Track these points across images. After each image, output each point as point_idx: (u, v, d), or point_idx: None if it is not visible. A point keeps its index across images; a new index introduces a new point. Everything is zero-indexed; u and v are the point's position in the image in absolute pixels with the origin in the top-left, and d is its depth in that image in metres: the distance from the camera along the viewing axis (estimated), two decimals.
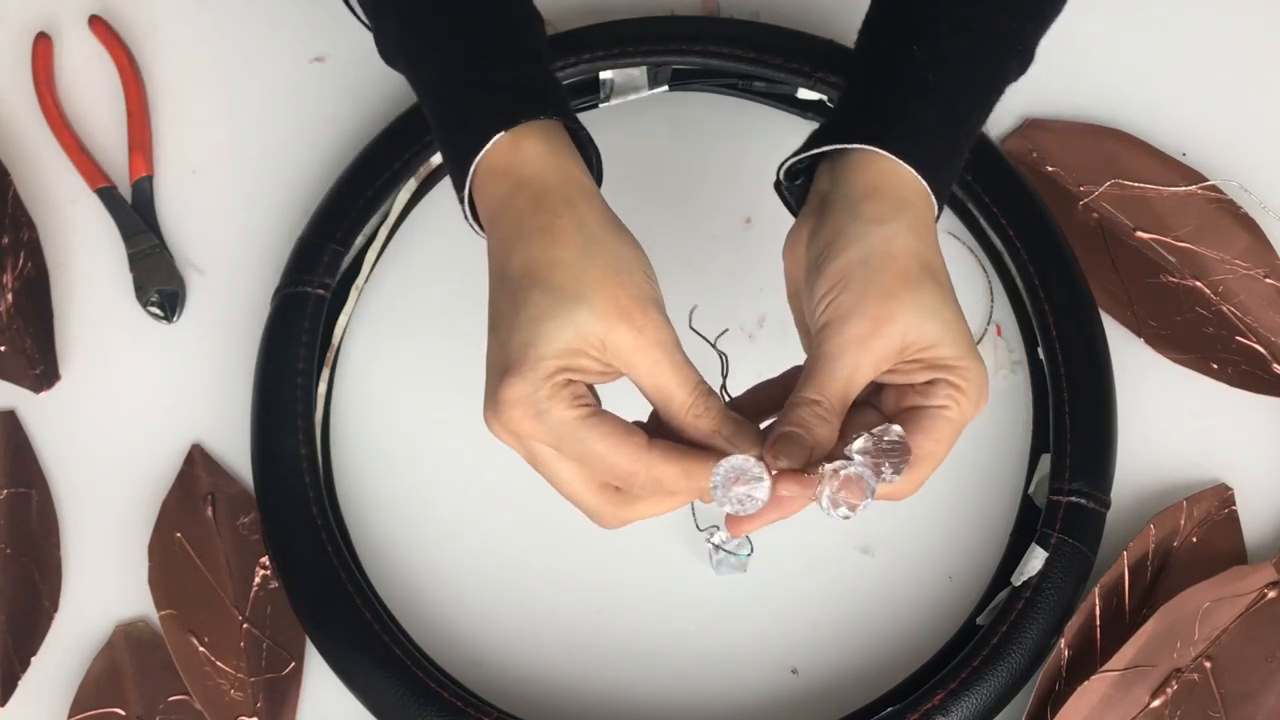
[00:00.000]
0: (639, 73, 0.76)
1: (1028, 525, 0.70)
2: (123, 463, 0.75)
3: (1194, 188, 0.74)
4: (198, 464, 0.75)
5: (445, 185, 0.78)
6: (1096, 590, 0.68)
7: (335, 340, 0.75)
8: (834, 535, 0.72)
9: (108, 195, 0.79)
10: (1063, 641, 0.67)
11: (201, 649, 0.71)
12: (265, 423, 0.72)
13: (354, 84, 0.80)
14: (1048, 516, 0.68)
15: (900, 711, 0.66)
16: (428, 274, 0.78)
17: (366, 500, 0.74)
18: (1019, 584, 0.67)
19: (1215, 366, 0.72)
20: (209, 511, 0.73)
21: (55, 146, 0.80)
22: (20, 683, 0.72)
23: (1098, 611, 0.68)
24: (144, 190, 0.79)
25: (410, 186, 0.77)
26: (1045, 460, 0.70)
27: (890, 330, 0.53)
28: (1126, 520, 0.71)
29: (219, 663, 0.71)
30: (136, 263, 0.78)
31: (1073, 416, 0.69)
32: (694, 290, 0.75)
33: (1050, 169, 0.76)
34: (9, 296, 0.76)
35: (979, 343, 0.74)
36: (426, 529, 0.74)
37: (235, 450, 0.75)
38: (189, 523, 0.73)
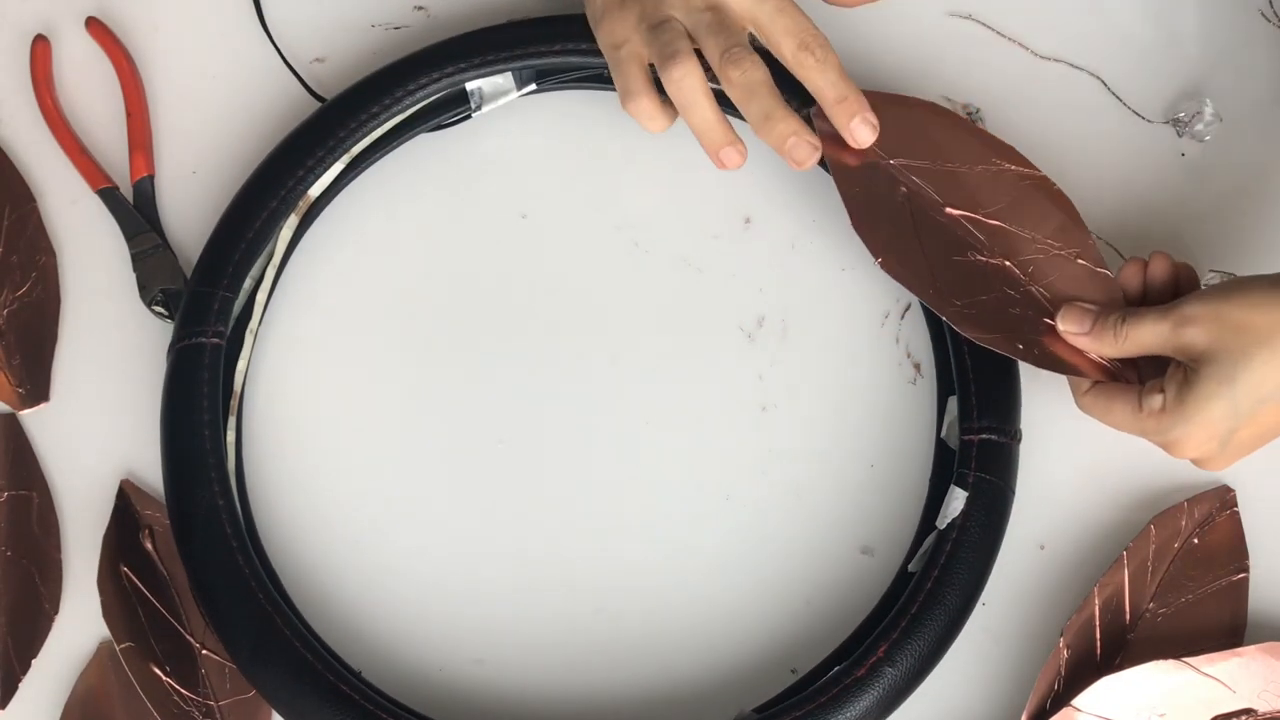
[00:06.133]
0: (504, 79, 0.77)
1: (944, 469, 0.71)
2: (121, 465, 0.75)
3: (1006, 164, 0.70)
4: (131, 498, 0.74)
5: (328, 218, 0.78)
6: (1096, 590, 0.69)
7: (237, 387, 0.75)
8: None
9: (109, 196, 0.79)
10: (1062, 641, 0.68)
11: (166, 679, 0.71)
12: (178, 480, 0.71)
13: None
14: (962, 457, 0.69)
15: (848, 668, 0.67)
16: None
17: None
18: (944, 526, 0.69)
19: (1021, 347, 0.67)
20: (149, 544, 0.73)
21: (55, 148, 0.80)
22: (20, 685, 0.72)
23: (1098, 612, 0.68)
24: (146, 190, 0.79)
25: (291, 223, 0.76)
26: (953, 403, 0.72)
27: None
28: (1127, 520, 0.71)
29: (184, 690, 0.71)
30: (139, 262, 0.78)
31: (972, 356, 0.70)
32: (694, 290, 0.76)
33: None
34: (3, 314, 0.76)
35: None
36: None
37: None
38: (131, 555, 0.73)
